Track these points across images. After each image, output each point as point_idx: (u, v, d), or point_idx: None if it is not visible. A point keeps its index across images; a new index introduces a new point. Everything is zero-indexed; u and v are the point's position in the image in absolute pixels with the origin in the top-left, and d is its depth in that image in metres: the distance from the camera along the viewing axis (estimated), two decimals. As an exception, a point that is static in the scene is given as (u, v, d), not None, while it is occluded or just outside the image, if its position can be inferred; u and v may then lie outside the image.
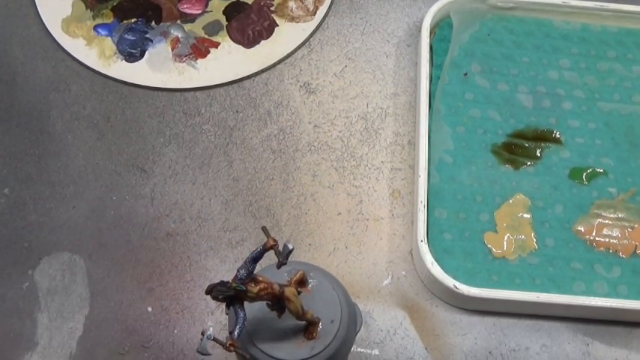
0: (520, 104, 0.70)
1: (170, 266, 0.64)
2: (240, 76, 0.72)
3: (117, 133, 0.70)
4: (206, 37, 0.74)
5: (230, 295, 0.46)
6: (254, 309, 0.50)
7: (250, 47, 0.74)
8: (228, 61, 0.73)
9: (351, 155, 0.69)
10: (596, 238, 0.64)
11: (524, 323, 0.62)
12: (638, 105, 0.70)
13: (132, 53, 0.73)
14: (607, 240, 0.64)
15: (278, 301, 0.49)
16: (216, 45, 0.74)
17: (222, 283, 0.46)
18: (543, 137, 0.69)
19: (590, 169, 0.67)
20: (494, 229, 0.64)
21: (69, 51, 0.73)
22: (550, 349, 0.61)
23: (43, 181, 0.67)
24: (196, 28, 0.75)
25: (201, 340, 0.46)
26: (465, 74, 0.71)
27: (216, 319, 0.62)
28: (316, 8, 0.76)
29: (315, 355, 0.50)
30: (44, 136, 0.69)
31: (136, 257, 0.64)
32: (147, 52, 0.74)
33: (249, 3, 0.77)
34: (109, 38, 0.74)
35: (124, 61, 0.73)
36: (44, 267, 0.63)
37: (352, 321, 0.53)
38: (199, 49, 0.74)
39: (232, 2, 0.77)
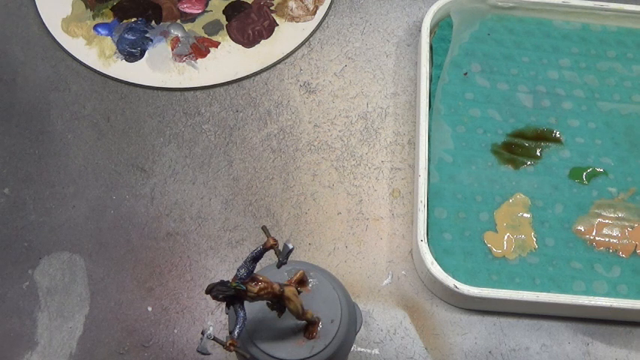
0: (520, 104, 0.70)
1: (170, 266, 0.64)
2: (240, 76, 0.72)
3: (117, 133, 0.70)
4: (206, 36, 0.74)
5: (230, 294, 0.46)
6: (254, 309, 0.50)
7: (250, 47, 0.74)
8: (228, 60, 0.73)
9: (351, 155, 0.69)
10: (596, 238, 0.64)
11: (524, 323, 0.62)
12: (638, 105, 0.70)
13: (132, 53, 0.73)
14: (607, 239, 0.64)
15: (278, 301, 0.49)
16: (216, 44, 0.74)
17: (223, 283, 0.46)
18: (543, 137, 0.69)
19: (590, 169, 0.67)
20: (494, 228, 0.64)
21: (69, 51, 0.73)
22: (550, 348, 0.61)
23: (43, 181, 0.67)
24: (196, 28, 0.75)
25: (201, 339, 0.46)
26: (465, 74, 0.71)
27: (216, 318, 0.62)
28: (316, 8, 0.76)
29: (315, 354, 0.50)
30: (44, 136, 0.69)
31: (136, 257, 0.64)
32: (147, 52, 0.74)
33: (249, 3, 0.77)
34: (109, 38, 0.74)
35: (124, 60, 0.73)
36: (44, 267, 0.63)
37: (352, 321, 0.53)
38: (199, 49, 0.74)
39: (232, 2, 0.77)
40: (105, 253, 0.64)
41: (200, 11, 0.76)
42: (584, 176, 0.67)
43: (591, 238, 0.64)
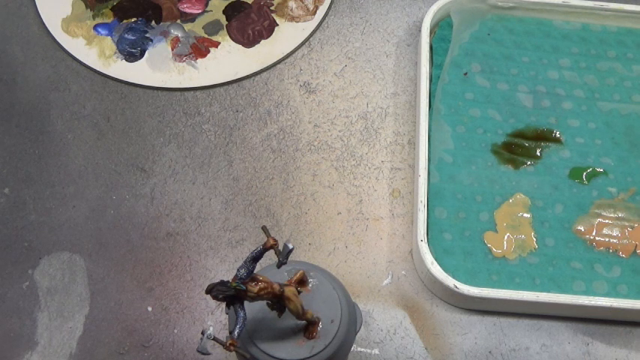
0: (520, 104, 0.70)
1: (170, 266, 0.64)
2: (240, 76, 0.72)
3: (117, 133, 0.70)
4: (206, 36, 0.74)
5: (230, 294, 0.46)
6: (254, 309, 0.50)
7: (250, 47, 0.74)
8: (228, 60, 0.73)
9: (351, 155, 0.69)
10: (596, 238, 0.64)
11: (524, 323, 0.62)
12: (638, 105, 0.70)
13: (132, 53, 0.73)
14: (607, 239, 0.64)
15: (278, 301, 0.49)
16: (216, 44, 0.74)
17: (223, 283, 0.46)
18: (543, 137, 0.69)
19: (590, 169, 0.67)
20: (494, 228, 0.64)
21: (69, 51, 0.73)
22: (550, 348, 0.61)
23: (43, 181, 0.67)
24: (196, 28, 0.75)
25: (201, 339, 0.46)
26: (465, 74, 0.71)
27: (216, 318, 0.62)
28: (316, 8, 0.76)
29: (315, 354, 0.50)
30: (44, 136, 0.69)
31: (136, 257, 0.64)
32: (147, 52, 0.74)
33: (249, 2, 0.77)
34: (109, 38, 0.74)
35: (124, 60, 0.73)
36: (44, 266, 0.63)
37: (352, 321, 0.53)
38: (199, 49, 0.74)
39: (232, 2, 0.77)
40: (105, 253, 0.64)
41: (200, 11, 0.76)
42: (584, 176, 0.67)
43: (591, 238, 0.64)
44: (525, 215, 0.65)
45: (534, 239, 0.64)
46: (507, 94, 0.70)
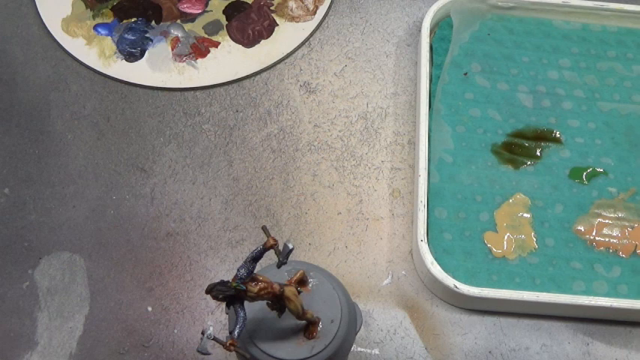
0: (520, 104, 0.70)
1: (170, 266, 0.64)
2: (240, 76, 0.72)
3: (117, 133, 0.70)
4: (206, 36, 0.74)
5: (230, 294, 0.46)
6: (254, 309, 0.50)
7: (250, 47, 0.74)
8: (228, 60, 0.73)
9: (351, 155, 0.69)
10: (596, 238, 0.64)
11: (524, 323, 0.62)
12: (638, 105, 0.70)
13: (132, 53, 0.73)
14: (607, 239, 0.64)
15: (278, 301, 0.49)
16: (216, 44, 0.74)
17: (223, 283, 0.46)
18: (543, 137, 0.69)
19: (590, 169, 0.67)
20: (494, 228, 0.64)
21: (69, 50, 0.73)
22: (550, 348, 0.61)
23: (43, 181, 0.67)
24: (196, 28, 0.75)
25: (201, 339, 0.46)
26: (465, 74, 0.71)
27: (216, 318, 0.62)
28: (316, 8, 0.76)
29: (315, 354, 0.50)
30: (44, 136, 0.69)
31: (136, 257, 0.64)
32: (147, 52, 0.74)
33: (249, 2, 0.77)
34: (109, 38, 0.74)
35: (124, 60, 0.73)
36: (44, 266, 0.63)
37: (352, 321, 0.53)
38: (199, 49, 0.74)
39: (232, 2, 0.77)
40: (105, 253, 0.64)
41: (200, 11, 0.76)
42: (584, 176, 0.67)
43: (591, 238, 0.64)
44: (525, 215, 0.65)
45: (534, 239, 0.64)
46: (507, 94, 0.70)
